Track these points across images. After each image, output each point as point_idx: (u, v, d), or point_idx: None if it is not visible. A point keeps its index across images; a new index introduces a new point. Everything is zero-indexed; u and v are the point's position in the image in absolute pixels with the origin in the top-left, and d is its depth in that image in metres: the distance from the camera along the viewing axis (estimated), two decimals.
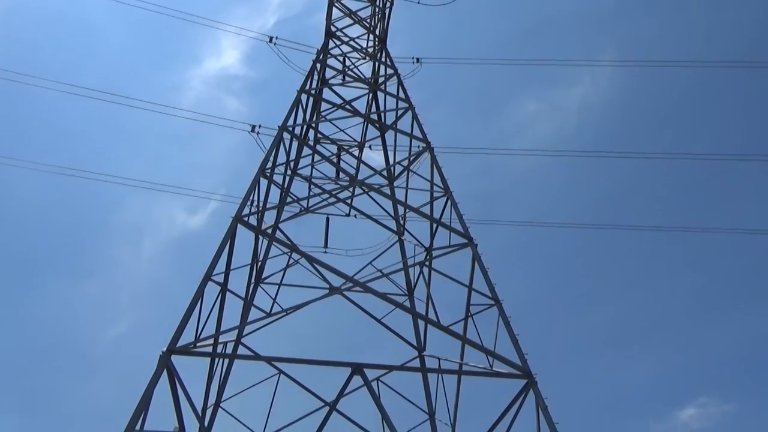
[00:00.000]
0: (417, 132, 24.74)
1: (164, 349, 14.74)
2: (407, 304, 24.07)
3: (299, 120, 24.89)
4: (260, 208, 21.55)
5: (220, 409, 20.00)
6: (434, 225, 23.16)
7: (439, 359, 20.89)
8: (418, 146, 24.71)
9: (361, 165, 26.62)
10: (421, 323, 23.36)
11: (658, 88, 54.25)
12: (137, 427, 13.65)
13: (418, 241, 24.39)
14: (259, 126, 25.13)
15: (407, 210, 24.88)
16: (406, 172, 25.55)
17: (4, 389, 39.77)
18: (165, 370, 14.53)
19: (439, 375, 21.12)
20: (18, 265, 44.96)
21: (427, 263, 22.68)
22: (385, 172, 26.75)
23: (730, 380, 45.21)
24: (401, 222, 25.56)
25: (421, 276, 23.60)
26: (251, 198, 20.06)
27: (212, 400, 19.68)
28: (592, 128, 54.97)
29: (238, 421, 19.86)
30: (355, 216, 25.69)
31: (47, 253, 46.72)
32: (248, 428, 19.80)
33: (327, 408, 15.70)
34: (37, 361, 42.50)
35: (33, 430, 38.87)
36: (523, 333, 17.49)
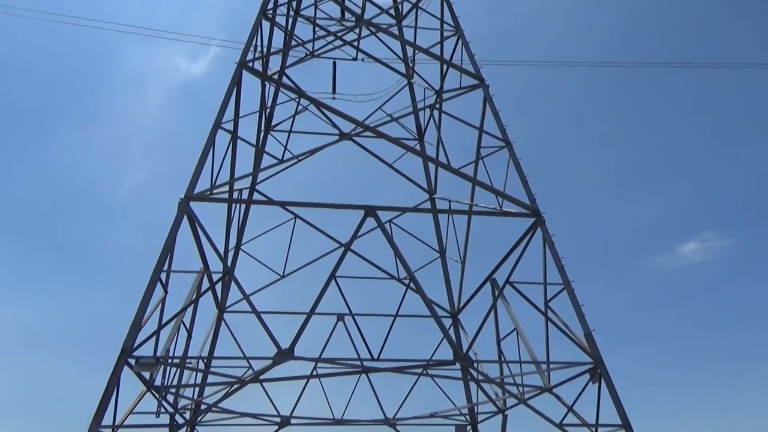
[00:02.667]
0: None
1: (182, 196, 15.16)
2: (418, 147, 24.14)
3: None
4: (264, 53, 20.87)
5: (240, 251, 21.03)
6: (444, 66, 22.46)
7: (449, 201, 21.38)
8: None
9: (367, 3, 25.17)
10: (431, 166, 23.60)
11: None
12: (165, 268, 14.48)
13: (427, 83, 23.83)
14: None
15: (416, 51, 23.99)
16: (414, 10, 24.26)
17: (34, 237, 41.78)
18: (185, 216, 15.07)
19: (450, 216, 21.78)
20: (24, 116, 44.92)
21: (437, 106, 22.37)
22: (392, 11, 25.39)
23: (733, 216, 46.42)
24: (410, 64, 24.77)
25: (431, 119, 23.41)
26: (254, 42, 19.34)
27: (232, 244, 20.62)
28: None
29: (259, 262, 20.97)
30: (362, 60, 24.85)
31: (51, 104, 46.43)
32: (269, 268, 20.95)
33: (342, 249, 16.41)
34: (60, 209, 44.16)
35: (66, 273, 41.44)
36: (532, 174, 17.71)
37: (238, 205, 20.10)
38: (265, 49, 21.02)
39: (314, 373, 17.33)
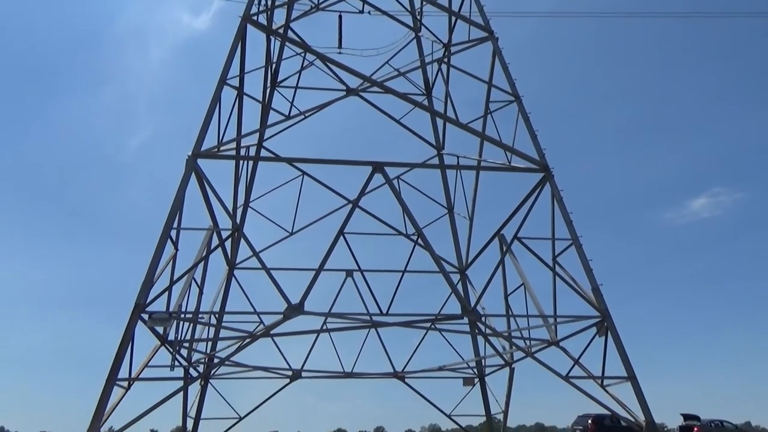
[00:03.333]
0: None
1: (190, 153, 15.13)
2: (425, 102, 23.86)
3: None
4: (269, 6, 20.47)
5: (249, 208, 21.12)
6: (453, 18, 21.99)
7: (457, 156, 21.26)
8: None
9: None
10: (439, 121, 23.39)
11: None
12: (174, 225, 14.58)
13: (435, 37, 23.38)
14: None
15: (424, 2, 23.43)
16: None
17: (45, 198, 42.08)
18: (193, 173, 15.07)
19: (458, 171, 21.70)
20: (27, 78, 44.58)
21: (445, 60, 22.00)
22: None
23: (745, 170, 45.95)
24: (418, 16, 24.25)
25: (439, 73, 23.07)
26: None
27: (241, 201, 20.69)
28: None
29: (268, 219, 21.08)
30: (368, 12, 24.30)
31: (53, 64, 45.99)
32: (277, 225, 21.08)
33: (350, 205, 16.41)
34: (69, 170, 44.31)
35: (78, 233, 41.89)
36: (541, 129, 17.51)
37: (245, 162, 20.09)
38: (269, 2, 20.60)
39: (324, 327, 17.62)
